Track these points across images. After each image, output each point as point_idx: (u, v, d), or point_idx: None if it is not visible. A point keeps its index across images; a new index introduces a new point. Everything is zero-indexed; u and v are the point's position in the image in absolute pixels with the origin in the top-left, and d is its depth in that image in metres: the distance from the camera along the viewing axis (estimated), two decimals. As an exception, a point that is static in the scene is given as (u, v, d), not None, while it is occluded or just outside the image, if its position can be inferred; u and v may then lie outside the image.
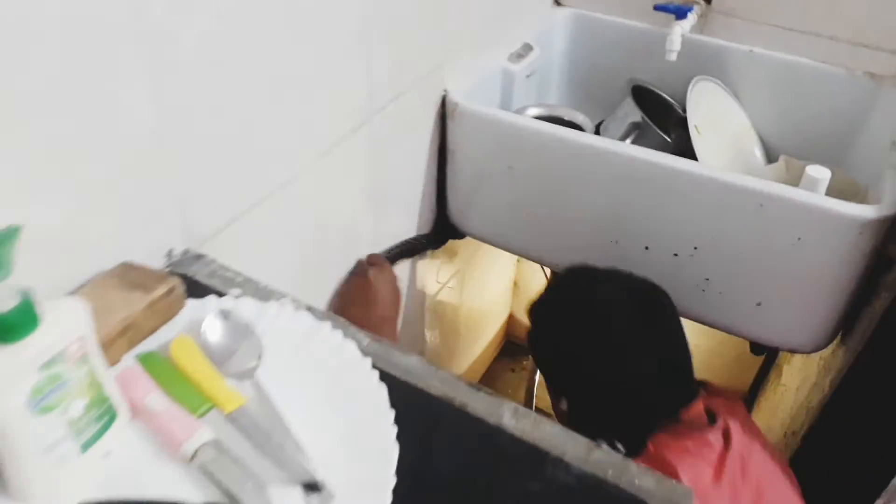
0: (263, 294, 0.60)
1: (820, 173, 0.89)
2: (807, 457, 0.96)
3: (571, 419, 0.87)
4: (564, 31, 1.26)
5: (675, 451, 0.80)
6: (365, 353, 0.55)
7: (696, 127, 1.09)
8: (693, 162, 0.87)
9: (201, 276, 0.61)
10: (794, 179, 1.02)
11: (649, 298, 0.86)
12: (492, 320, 1.78)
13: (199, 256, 0.63)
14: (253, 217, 0.69)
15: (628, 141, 1.13)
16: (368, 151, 0.87)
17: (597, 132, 1.17)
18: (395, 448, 0.47)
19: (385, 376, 0.53)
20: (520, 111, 1.08)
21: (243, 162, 0.66)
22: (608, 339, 0.83)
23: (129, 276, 0.52)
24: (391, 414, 0.49)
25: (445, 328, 1.43)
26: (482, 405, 0.53)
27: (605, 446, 0.51)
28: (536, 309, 0.92)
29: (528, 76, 1.14)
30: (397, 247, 1.04)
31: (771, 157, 1.21)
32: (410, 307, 1.23)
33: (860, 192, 0.98)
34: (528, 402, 1.69)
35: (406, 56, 0.88)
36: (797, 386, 1.13)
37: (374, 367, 0.53)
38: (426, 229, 1.13)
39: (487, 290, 1.66)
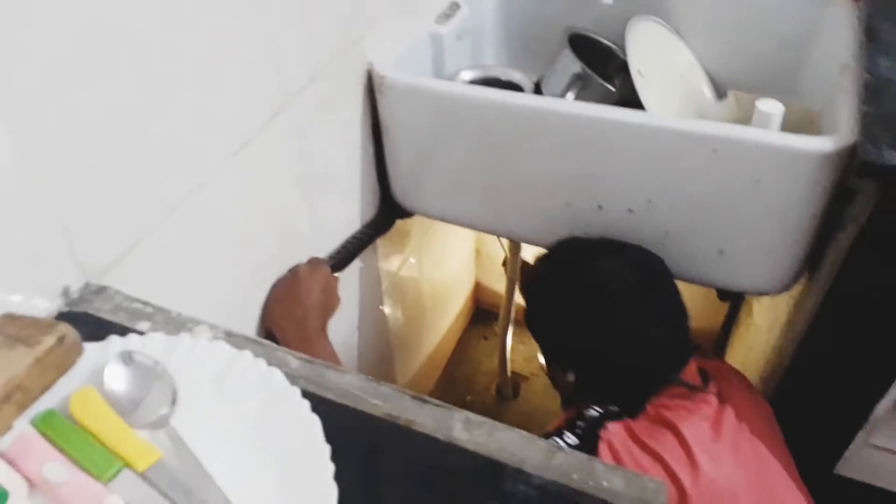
0: (177, 324, 0.54)
1: (772, 107, 0.84)
2: (784, 397, 0.93)
3: (578, 390, 0.88)
4: (492, -16, 1.19)
5: (674, 410, 0.81)
6: (295, 377, 0.49)
7: (639, 71, 1.03)
8: (639, 112, 0.82)
9: (105, 311, 0.54)
10: (746, 114, 0.98)
11: (646, 265, 0.85)
12: (457, 291, 1.73)
13: (101, 289, 0.56)
14: (160, 236, 0.62)
15: (570, 95, 1.07)
16: (290, 142, 0.80)
17: (537, 90, 1.10)
18: (334, 489, 0.42)
19: (319, 402, 0.48)
20: (452, 76, 1.02)
21: (135, 178, 0.59)
22: (612, 312, 0.83)
23: (8, 329, 0.46)
24: (326, 450, 0.43)
25: (409, 310, 1.38)
26: (430, 420, 0.48)
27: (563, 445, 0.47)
28: (532, 287, 0.92)
29: (458, 37, 1.07)
30: (341, 249, 0.98)
31: (720, 94, 1.16)
32: (369, 300, 1.17)
33: (815, 120, 0.93)
34: (502, 369, 1.66)
35: (318, 31, 0.80)
36: (769, 325, 1.10)
37: (306, 393, 0.48)
38: (371, 214, 1.06)
39: (448, 262, 1.61)
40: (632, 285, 0.83)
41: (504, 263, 1.47)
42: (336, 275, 0.93)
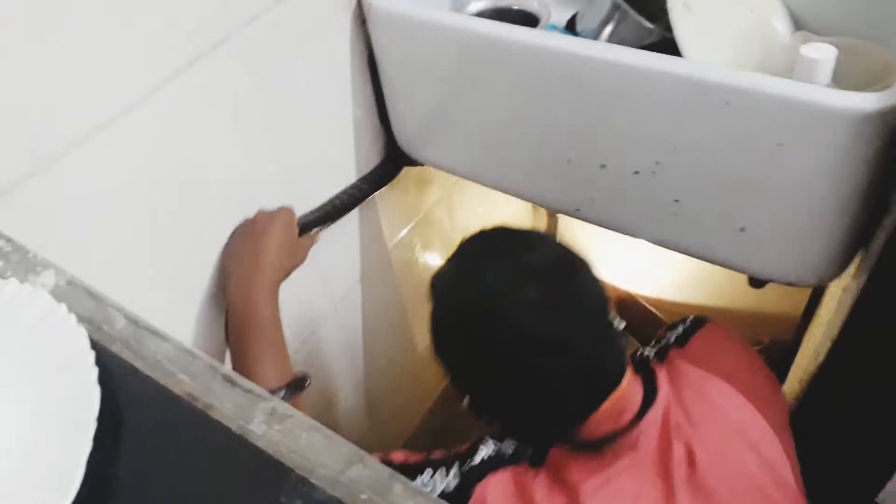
0: (29, 266, 0.50)
1: (820, 52, 0.67)
2: (814, 407, 0.78)
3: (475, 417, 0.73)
4: None
5: (579, 465, 0.66)
6: (115, 337, 0.45)
7: (685, 3, 0.86)
8: (640, 52, 0.68)
9: (-36, 246, 0.52)
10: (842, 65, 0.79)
11: (555, 279, 0.66)
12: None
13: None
14: (61, 171, 0.59)
15: (606, 32, 0.92)
16: (245, 73, 0.73)
17: (571, 25, 0.96)
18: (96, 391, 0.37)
19: (127, 370, 0.43)
20: (459, 7, 0.90)
21: (24, 101, 0.55)
22: (494, 338, 0.65)
23: None
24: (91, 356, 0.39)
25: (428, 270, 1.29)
26: (230, 406, 0.41)
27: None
28: (432, 284, 0.73)
29: (484, -38, 0.95)
30: (328, 203, 0.90)
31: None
32: (373, 253, 1.10)
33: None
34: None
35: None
36: (828, 319, 0.92)
37: (116, 357, 0.43)
38: (374, 161, 0.99)
39: (490, 213, 1.47)
40: (529, 304, 0.64)
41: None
42: (313, 232, 0.87)
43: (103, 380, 0.41)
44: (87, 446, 0.38)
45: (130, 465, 0.39)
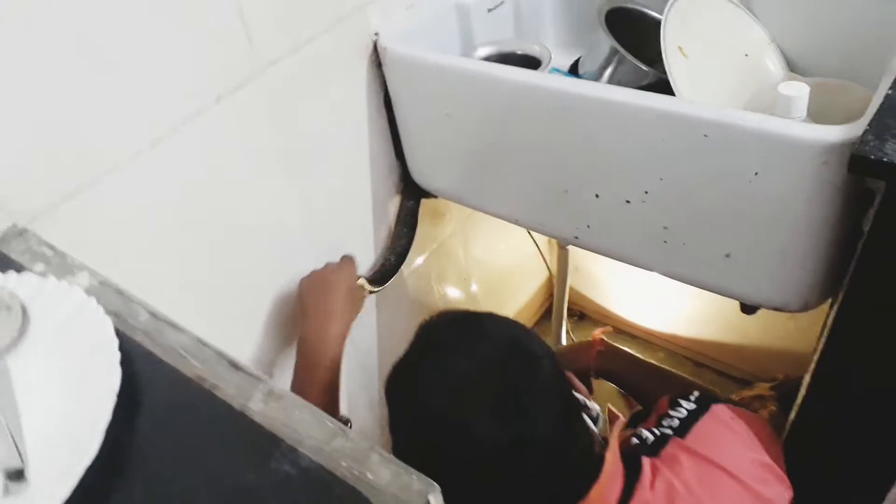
0: (66, 269, 0.57)
1: (794, 90, 0.72)
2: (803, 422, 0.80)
3: None
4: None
5: None
6: (137, 328, 0.51)
7: (679, 48, 0.92)
8: (623, 90, 0.73)
9: (15, 252, 0.59)
10: (822, 105, 0.84)
11: (506, 379, 0.64)
12: (518, 285, 1.66)
13: (23, 232, 0.61)
14: (100, 191, 0.66)
15: (606, 74, 0.99)
16: (266, 112, 0.81)
17: (573, 70, 1.03)
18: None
19: (146, 357, 0.49)
20: (468, 52, 0.98)
21: (70, 130, 0.63)
22: (450, 444, 0.63)
23: None
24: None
25: (442, 300, 1.35)
26: (233, 387, 0.47)
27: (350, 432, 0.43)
28: (387, 382, 0.70)
29: (490, 10, 1.02)
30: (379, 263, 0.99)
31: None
32: (387, 293, 1.15)
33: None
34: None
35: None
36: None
37: (138, 346, 0.49)
38: (390, 192, 1.06)
39: (503, 253, 1.53)
40: (481, 412, 0.61)
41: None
42: (368, 288, 0.93)
43: (125, 363, 0.47)
44: (106, 416, 0.43)
45: (145, 434, 0.45)
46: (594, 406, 0.72)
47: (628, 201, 0.80)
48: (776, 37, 1.01)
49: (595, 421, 0.72)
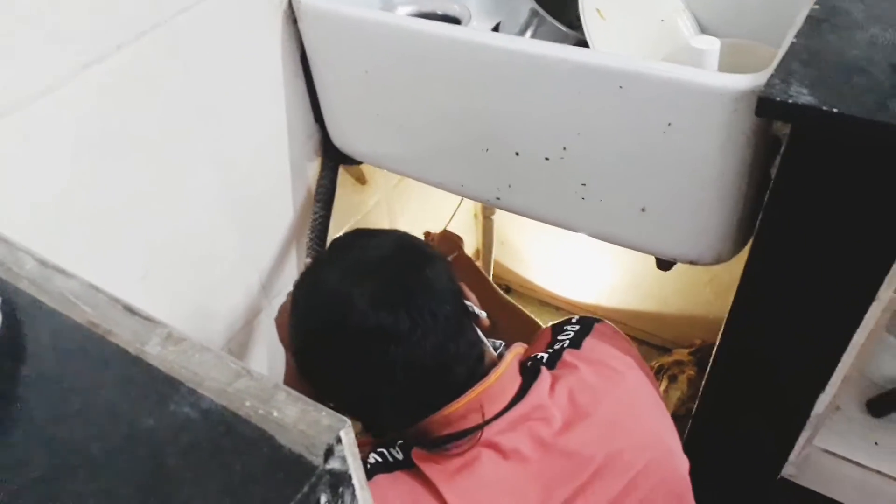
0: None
1: (706, 43, 0.73)
2: (713, 385, 0.83)
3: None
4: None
5: (439, 472, 0.64)
6: (21, 276, 0.47)
7: (597, 10, 0.93)
8: (543, 43, 0.73)
9: None
10: (734, 65, 0.86)
11: (393, 272, 0.67)
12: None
13: None
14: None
15: (526, 36, 0.99)
16: (169, 67, 0.76)
17: (496, 31, 1.02)
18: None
19: (32, 304, 0.45)
20: (387, 8, 0.96)
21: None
22: (339, 331, 0.65)
23: None
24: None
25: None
26: (129, 332, 0.44)
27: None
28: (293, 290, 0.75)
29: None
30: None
31: (713, 44, 1.03)
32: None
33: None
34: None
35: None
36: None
37: (25, 291, 0.45)
38: (310, 157, 1.02)
39: (429, 225, 1.51)
40: (365, 297, 0.64)
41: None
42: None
43: (6, 312, 0.43)
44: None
45: (31, 382, 0.41)
46: (482, 313, 0.73)
47: (547, 158, 0.80)
48: (689, 3, 1.03)
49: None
